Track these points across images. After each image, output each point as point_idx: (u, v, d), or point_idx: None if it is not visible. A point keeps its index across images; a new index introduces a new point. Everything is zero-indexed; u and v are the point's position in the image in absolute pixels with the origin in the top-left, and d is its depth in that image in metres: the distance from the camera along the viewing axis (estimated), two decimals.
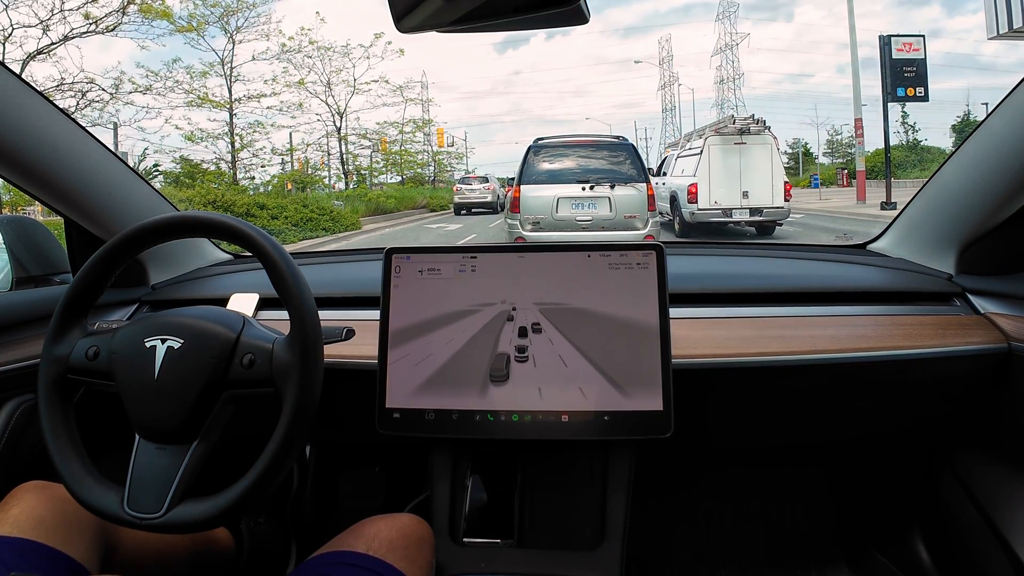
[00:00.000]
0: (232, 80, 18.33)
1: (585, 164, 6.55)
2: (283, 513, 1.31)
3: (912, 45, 15.95)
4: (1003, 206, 0.93)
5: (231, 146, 18.39)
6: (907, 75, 15.77)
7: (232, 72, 18.30)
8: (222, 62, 18.07)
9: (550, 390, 0.88)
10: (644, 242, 0.95)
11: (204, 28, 17.26)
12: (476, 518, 0.96)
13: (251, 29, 19.46)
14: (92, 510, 0.71)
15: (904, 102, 16.73)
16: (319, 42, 20.82)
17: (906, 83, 15.80)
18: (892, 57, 15.65)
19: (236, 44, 18.20)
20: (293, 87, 20.29)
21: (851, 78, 16.87)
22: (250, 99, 18.81)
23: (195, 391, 0.72)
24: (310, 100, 26.19)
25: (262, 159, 19.46)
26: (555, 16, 0.54)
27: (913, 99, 16.16)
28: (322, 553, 0.77)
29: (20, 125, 0.91)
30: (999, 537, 0.90)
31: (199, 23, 17.01)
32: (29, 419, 0.94)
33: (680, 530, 1.38)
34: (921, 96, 16.05)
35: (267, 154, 19.47)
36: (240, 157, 18.72)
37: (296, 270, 0.74)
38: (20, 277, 1.07)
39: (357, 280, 1.18)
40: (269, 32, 21.92)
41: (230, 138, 18.34)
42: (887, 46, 15.74)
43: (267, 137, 19.80)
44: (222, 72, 18.12)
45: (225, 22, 17.68)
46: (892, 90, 15.81)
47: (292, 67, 22.04)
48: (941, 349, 0.92)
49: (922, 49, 15.98)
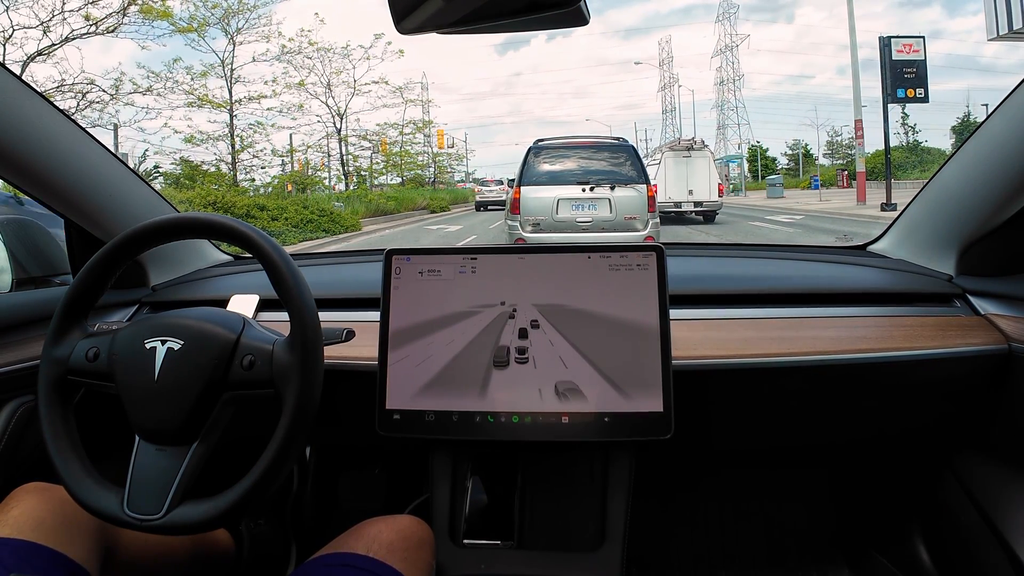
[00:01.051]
0: (232, 81, 18.26)
1: (585, 165, 6.54)
2: (283, 514, 1.31)
3: (912, 46, 15.97)
4: (1003, 207, 0.93)
5: (231, 147, 18.28)
6: (907, 76, 15.80)
7: (232, 73, 18.23)
8: (222, 63, 18.00)
9: (550, 391, 0.88)
10: (644, 243, 0.94)
11: (205, 30, 17.20)
12: (476, 519, 0.96)
13: (252, 31, 19.31)
14: (92, 511, 0.71)
15: (904, 103, 16.74)
16: (319, 43, 20.68)
17: (906, 84, 15.83)
18: (892, 58, 15.69)
19: (237, 46, 18.12)
20: (293, 88, 20.21)
21: (851, 79, 16.89)
22: (251, 100, 18.73)
23: (195, 392, 0.72)
24: (310, 101, 26.05)
25: (263, 160, 19.40)
26: (555, 17, 0.54)
27: (913, 100, 16.18)
28: (322, 555, 0.77)
29: (21, 126, 0.91)
30: (999, 538, 0.90)
31: (200, 24, 16.93)
32: (29, 420, 0.94)
33: (680, 531, 1.38)
34: (921, 97, 16.07)
35: (267, 155, 19.41)
36: (240, 158, 18.63)
37: (296, 271, 0.74)
38: (20, 278, 1.07)
39: (357, 281, 1.18)
40: (270, 34, 21.59)
41: (230, 139, 18.24)
42: (887, 47, 15.78)
43: (267, 139, 19.75)
44: (223, 73, 18.04)
45: (226, 23, 17.60)
46: (892, 91, 15.84)
47: (292, 68, 22.02)
48: (941, 350, 0.92)
49: (922, 50, 15.99)
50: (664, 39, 56.46)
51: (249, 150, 18.72)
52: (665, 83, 55.09)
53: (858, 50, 16.66)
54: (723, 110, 50.96)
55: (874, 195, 16.93)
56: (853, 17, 16.81)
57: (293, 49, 19.57)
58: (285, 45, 19.43)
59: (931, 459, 1.11)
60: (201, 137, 17.71)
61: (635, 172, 6.44)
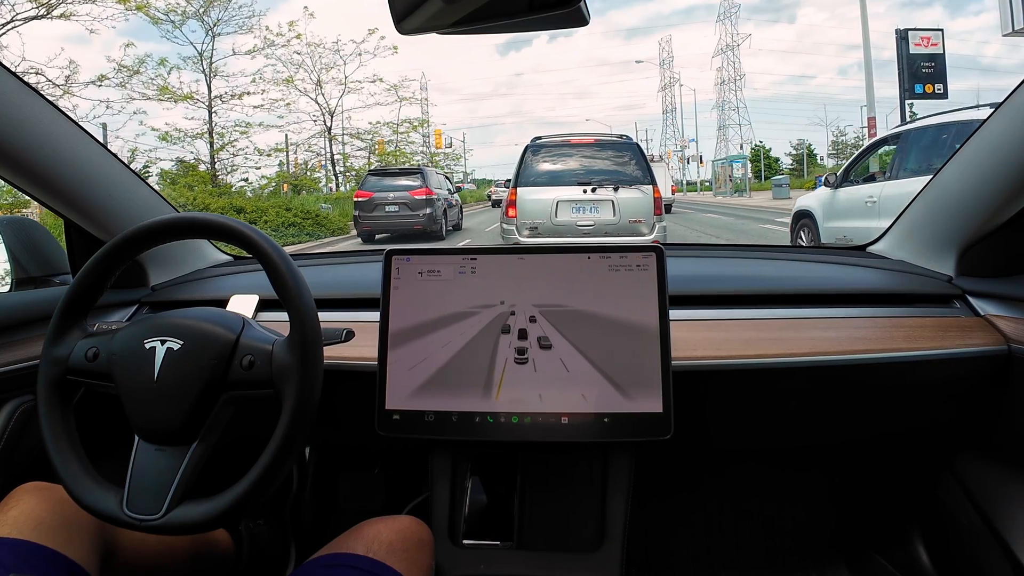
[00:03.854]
0: (212, 76, 17.58)
1: (587, 165, 6.08)
2: (282, 515, 1.31)
3: (930, 40, 15.26)
4: (1003, 208, 0.93)
5: (210, 146, 17.50)
6: (925, 71, 15.08)
7: (212, 67, 17.54)
8: (200, 56, 17.29)
9: (550, 392, 0.88)
10: (643, 243, 0.94)
11: (184, 21, 16.62)
12: (476, 520, 0.96)
13: (231, 22, 18.26)
14: (91, 511, 0.71)
15: (923, 99, 15.84)
16: (305, 36, 19.92)
17: (924, 80, 15.08)
18: (910, 52, 14.96)
19: (216, 37, 17.46)
20: (281, 84, 19.65)
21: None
22: (233, 97, 18.00)
23: (194, 392, 0.72)
24: (300, 99, 25.21)
25: (252, 160, 18.80)
26: (555, 18, 0.54)
27: (932, 96, 15.36)
28: (321, 555, 0.77)
29: (21, 126, 0.91)
30: (999, 539, 0.90)
31: (182, 16, 16.32)
32: (28, 420, 0.94)
33: (680, 532, 1.38)
34: (940, 93, 15.31)
35: (252, 155, 18.62)
36: (220, 157, 17.84)
37: (296, 271, 0.74)
38: (20, 278, 1.07)
39: (357, 281, 1.18)
40: (252, 26, 20.78)
41: (209, 138, 17.47)
42: (904, 40, 15.05)
43: (248, 138, 18.72)
44: (201, 68, 17.36)
45: (204, 13, 16.90)
46: (910, 87, 15.12)
47: (280, 63, 21.61)
48: (941, 351, 0.92)
49: (940, 44, 15.25)
50: (664, 39, 56.44)
51: (229, 148, 18.02)
52: (666, 83, 55.11)
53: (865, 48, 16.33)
54: (724, 110, 50.99)
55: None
56: (865, 12, 16.32)
57: (279, 43, 18.94)
58: (267, 36, 18.75)
59: (931, 460, 1.11)
60: (178, 135, 16.99)
61: (640, 172, 5.98)
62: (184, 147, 18.00)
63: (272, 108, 19.75)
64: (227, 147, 18.00)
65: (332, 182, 23.13)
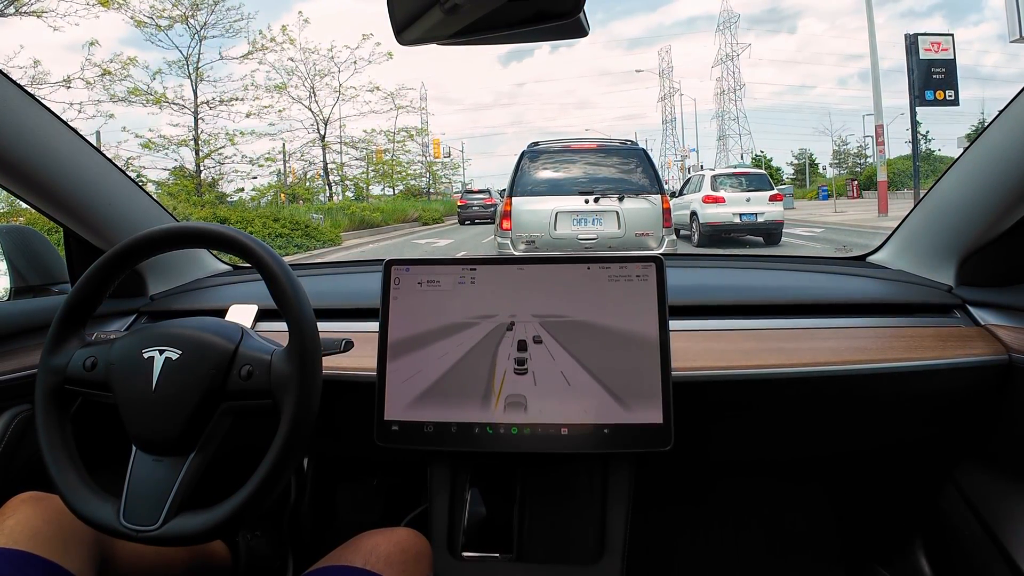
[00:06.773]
0: (198, 81, 16.99)
1: (590, 173, 5.53)
2: (280, 526, 1.30)
3: (941, 44, 14.87)
4: (1003, 217, 0.93)
5: (196, 153, 16.90)
6: (936, 77, 14.62)
7: (198, 72, 16.92)
8: (186, 59, 16.66)
9: (549, 402, 0.87)
10: (643, 254, 0.94)
11: (171, 26, 16.05)
12: (475, 532, 0.95)
13: (218, 25, 17.45)
14: (88, 522, 0.71)
15: (934, 106, 15.31)
16: (298, 41, 19.59)
17: (935, 86, 14.59)
18: (920, 57, 14.56)
19: (202, 40, 16.80)
20: (273, 91, 19.20)
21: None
22: (221, 103, 17.42)
23: (193, 402, 0.71)
24: (292, 106, 24.80)
25: (245, 171, 18.44)
26: (554, 29, 0.55)
27: (943, 103, 14.96)
28: (319, 567, 0.77)
29: (20, 134, 0.92)
30: (1002, 550, 0.89)
31: (169, 21, 15.79)
32: (26, 430, 0.93)
33: (681, 543, 1.37)
34: (951, 100, 14.90)
35: (241, 163, 18.27)
36: (206, 165, 17.22)
37: (295, 281, 0.74)
38: (19, 287, 1.07)
39: (356, 292, 1.18)
40: (240, 29, 19.19)
41: (195, 145, 16.88)
42: (914, 45, 14.63)
43: (235, 145, 18.08)
44: (187, 72, 16.69)
45: (191, 16, 16.27)
46: (920, 93, 14.69)
47: (273, 69, 20.69)
48: (941, 361, 0.92)
49: (951, 49, 14.79)
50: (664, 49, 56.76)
51: (215, 156, 17.49)
52: (666, 93, 55.36)
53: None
54: (723, 120, 51.20)
55: (892, 206, 15.06)
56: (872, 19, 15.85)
57: (268, 47, 18.45)
58: (257, 40, 18.29)
59: (932, 470, 1.10)
60: (162, 142, 16.49)
61: (648, 180, 5.42)
62: (168, 155, 17.55)
63: (263, 115, 18.97)
64: (213, 155, 17.51)
65: (325, 192, 22.68)
